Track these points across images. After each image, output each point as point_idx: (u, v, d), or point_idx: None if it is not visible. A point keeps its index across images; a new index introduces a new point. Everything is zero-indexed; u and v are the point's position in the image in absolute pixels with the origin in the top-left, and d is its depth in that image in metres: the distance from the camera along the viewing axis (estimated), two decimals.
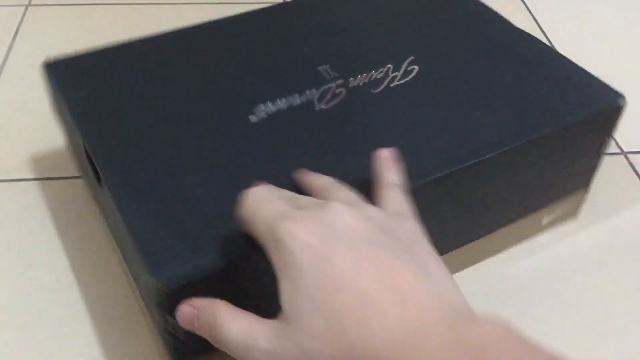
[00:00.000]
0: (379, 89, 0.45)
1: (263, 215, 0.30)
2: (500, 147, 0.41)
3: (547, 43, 0.69)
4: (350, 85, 0.45)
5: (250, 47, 0.49)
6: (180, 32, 0.50)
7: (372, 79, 0.45)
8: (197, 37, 0.50)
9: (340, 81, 0.45)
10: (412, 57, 0.47)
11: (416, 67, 0.46)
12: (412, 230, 0.31)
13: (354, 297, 0.26)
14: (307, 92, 0.44)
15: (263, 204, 0.31)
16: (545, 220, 0.50)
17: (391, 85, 0.45)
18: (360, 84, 0.45)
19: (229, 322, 0.29)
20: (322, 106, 0.43)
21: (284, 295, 0.28)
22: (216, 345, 0.30)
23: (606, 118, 0.45)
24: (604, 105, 0.45)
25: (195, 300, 0.32)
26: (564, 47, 0.70)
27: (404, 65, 0.47)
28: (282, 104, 0.43)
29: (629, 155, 0.59)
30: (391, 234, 0.29)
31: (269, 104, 0.43)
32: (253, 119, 0.43)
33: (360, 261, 0.27)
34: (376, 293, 0.26)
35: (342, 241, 0.28)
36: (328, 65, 0.47)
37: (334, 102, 0.44)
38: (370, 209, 0.31)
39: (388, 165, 0.36)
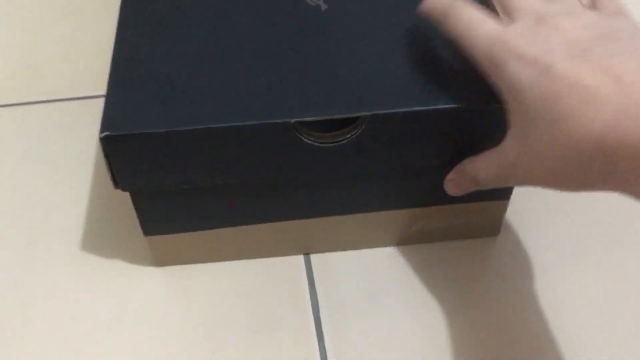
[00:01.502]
0: None
1: (476, 37, 0.32)
2: None
3: None
4: None
5: None
6: None
7: None
8: None
9: None
10: None
11: None
12: (633, 28, 0.31)
13: (576, 100, 0.28)
14: None
15: (475, 24, 0.32)
16: None
17: None
18: None
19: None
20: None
21: (511, 114, 0.31)
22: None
23: None
24: None
25: None
26: None
27: None
28: None
29: None
30: (612, 36, 0.30)
31: None
32: (323, 6, 0.41)
33: (579, 65, 0.28)
34: (596, 87, 0.27)
35: (560, 52, 0.29)
36: None
37: None
38: (587, 15, 0.31)
39: None
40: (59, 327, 0.41)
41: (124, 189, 0.37)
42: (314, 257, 0.44)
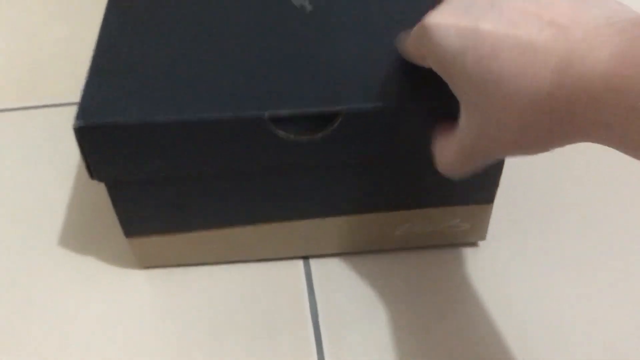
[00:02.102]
0: None
1: (410, 38, 0.33)
2: None
3: None
4: None
5: None
6: None
7: None
8: None
9: None
10: None
11: None
12: None
13: (514, 53, 0.26)
14: None
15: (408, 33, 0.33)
16: None
17: None
18: None
19: None
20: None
21: (457, 93, 0.29)
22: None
23: None
24: None
25: None
26: None
27: None
28: None
29: None
30: None
31: None
32: (308, 8, 0.40)
33: (506, 15, 0.26)
34: (533, 37, 0.25)
35: (482, 7, 0.27)
36: None
37: None
38: None
39: None
40: (41, 330, 0.41)
41: (99, 180, 0.36)
42: (313, 262, 0.44)
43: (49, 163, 0.51)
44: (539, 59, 0.25)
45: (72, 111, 0.53)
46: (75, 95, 0.55)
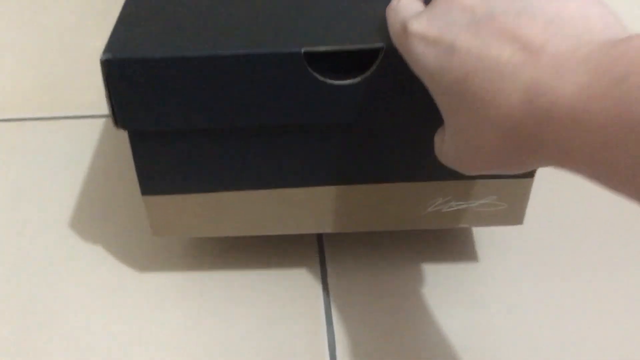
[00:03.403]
0: None
1: (392, 33, 0.31)
2: None
3: None
4: None
5: None
6: None
7: None
8: None
9: None
10: None
11: None
12: None
13: (485, 79, 0.25)
14: None
15: (395, 18, 0.31)
16: None
17: None
18: None
19: None
20: None
21: (437, 104, 0.29)
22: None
23: None
24: None
25: None
26: None
27: None
28: None
29: None
30: None
31: None
32: None
33: (481, 34, 0.26)
34: (505, 60, 0.25)
35: (461, 24, 0.27)
36: None
37: None
38: None
39: None
40: (61, 301, 0.40)
41: (123, 128, 0.35)
42: (329, 267, 0.43)
43: (73, 170, 0.50)
44: (507, 87, 0.24)
45: (98, 123, 0.54)
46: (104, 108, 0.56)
